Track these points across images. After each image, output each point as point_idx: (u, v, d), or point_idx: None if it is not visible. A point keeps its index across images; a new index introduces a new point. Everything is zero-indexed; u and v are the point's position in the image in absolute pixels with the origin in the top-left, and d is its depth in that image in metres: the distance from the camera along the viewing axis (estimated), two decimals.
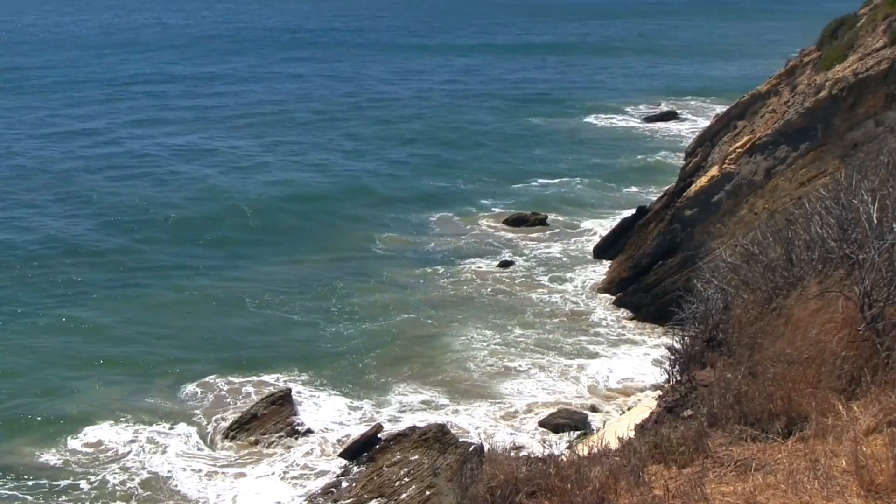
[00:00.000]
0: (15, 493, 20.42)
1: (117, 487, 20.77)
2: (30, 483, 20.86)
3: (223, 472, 21.50)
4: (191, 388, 25.54)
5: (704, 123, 48.47)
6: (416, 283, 33.87)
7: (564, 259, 36.52)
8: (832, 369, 6.53)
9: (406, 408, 24.59)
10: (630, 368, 26.65)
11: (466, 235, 39.42)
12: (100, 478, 21.13)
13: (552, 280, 34.19)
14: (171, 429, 23.36)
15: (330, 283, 33.68)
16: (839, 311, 6.89)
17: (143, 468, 21.57)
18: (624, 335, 29.37)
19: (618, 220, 37.96)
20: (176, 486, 20.94)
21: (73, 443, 22.54)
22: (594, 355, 27.85)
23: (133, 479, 21.11)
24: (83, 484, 20.84)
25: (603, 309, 31.38)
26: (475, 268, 35.38)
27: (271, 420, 23.29)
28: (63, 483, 20.87)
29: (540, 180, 48.41)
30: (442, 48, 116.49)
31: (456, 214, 42.32)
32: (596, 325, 30.11)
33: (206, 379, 26.00)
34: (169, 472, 21.45)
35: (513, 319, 30.30)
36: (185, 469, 21.57)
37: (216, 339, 28.80)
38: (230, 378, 26.11)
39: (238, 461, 21.99)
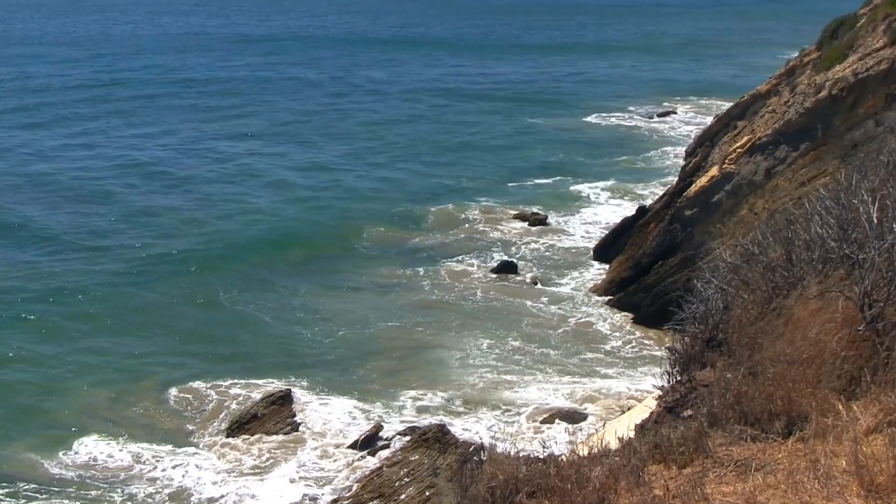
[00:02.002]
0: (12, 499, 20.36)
1: (116, 494, 20.74)
2: (36, 493, 20.64)
3: (221, 473, 21.48)
4: (180, 391, 25.38)
5: (705, 123, 48.48)
6: (412, 285, 33.68)
7: (564, 259, 36.52)
8: (832, 369, 6.52)
9: (403, 412, 24.52)
10: (634, 376, 26.61)
11: (465, 235, 39.34)
12: (101, 483, 21.08)
13: (552, 282, 34.16)
14: (166, 432, 23.26)
15: (322, 283, 33.47)
16: (839, 311, 6.89)
17: (142, 472, 21.55)
18: (627, 340, 29.37)
19: (618, 219, 37.98)
20: (174, 487, 20.93)
21: (72, 451, 22.32)
22: (596, 360, 27.86)
23: (129, 484, 21.07)
24: (86, 493, 20.74)
25: (604, 311, 31.38)
26: (473, 269, 35.34)
27: (271, 420, 23.29)
28: (72, 491, 20.73)
29: (540, 179, 48.44)
30: (439, 46, 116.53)
31: (455, 214, 42.26)
32: (601, 332, 30.04)
33: (195, 383, 25.82)
34: (168, 473, 21.43)
35: (513, 324, 30.15)
36: (182, 470, 21.56)
37: (203, 343, 28.52)
38: (220, 382, 25.90)
39: (236, 461, 21.97)
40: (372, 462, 21.17)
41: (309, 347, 28.42)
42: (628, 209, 39.43)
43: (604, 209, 43.20)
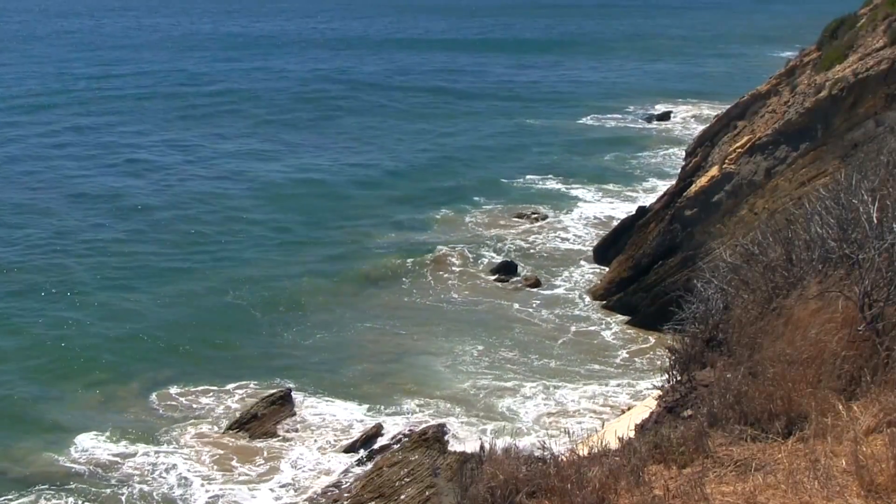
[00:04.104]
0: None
1: (114, 494, 20.70)
2: (30, 493, 20.53)
3: (220, 473, 21.47)
4: (176, 392, 25.28)
5: (703, 124, 48.43)
6: (410, 286, 33.50)
7: (564, 259, 36.47)
8: (832, 369, 6.53)
9: (403, 413, 24.48)
10: (633, 377, 26.57)
11: (464, 236, 39.16)
12: (100, 483, 21.00)
13: (551, 282, 34.11)
14: (163, 433, 23.16)
15: (318, 286, 33.24)
16: (839, 311, 6.89)
17: (139, 473, 21.51)
18: (627, 342, 29.35)
19: (616, 220, 37.94)
20: (172, 488, 20.91)
21: (67, 452, 22.21)
22: (595, 362, 27.84)
23: (126, 485, 21.02)
24: (83, 493, 20.67)
25: (603, 312, 31.37)
26: (470, 269, 35.20)
27: (271, 420, 23.29)
28: (67, 492, 20.65)
29: (537, 180, 48.31)
30: (435, 44, 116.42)
31: (453, 214, 42.08)
32: (600, 334, 30.03)
33: (191, 384, 25.73)
34: (165, 474, 21.41)
35: (512, 325, 30.05)
36: (181, 470, 21.54)
37: (198, 344, 28.36)
38: (216, 383, 25.79)
39: (235, 461, 21.96)
40: (371, 462, 21.15)
41: (308, 348, 28.39)
42: (627, 209, 39.41)
43: (602, 209, 43.15)
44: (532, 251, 37.28)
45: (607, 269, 34.37)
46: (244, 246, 37.61)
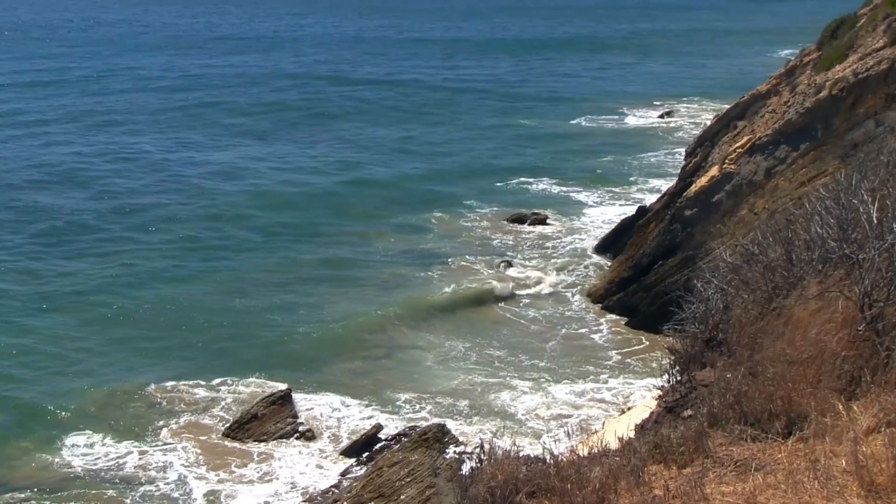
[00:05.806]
0: None
1: (111, 494, 20.67)
2: (26, 492, 20.44)
3: (221, 472, 21.47)
4: (176, 391, 25.14)
5: (700, 124, 48.39)
6: (410, 287, 33.31)
7: (563, 259, 36.42)
8: (832, 369, 6.53)
9: (403, 413, 24.49)
10: (633, 378, 26.56)
11: (459, 236, 38.99)
12: (98, 489, 20.92)
13: (551, 282, 34.09)
14: (161, 432, 23.11)
15: (315, 286, 33.13)
16: (839, 311, 6.90)
17: (137, 473, 21.47)
18: (626, 342, 29.34)
19: (615, 220, 37.93)
20: (170, 487, 20.91)
21: (64, 451, 22.11)
22: (594, 362, 27.84)
23: (124, 485, 20.96)
24: (81, 492, 20.62)
25: (602, 312, 31.37)
26: (468, 270, 35.08)
27: (271, 420, 23.28)
28: (64, 491, 20.58)
29: (534, 181, 48.17)
30: (430, 44, 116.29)
31: (448, 215, 41.87)
32: (599, 334, 30.01)
33: (191, 382, 25.63)
34: (163, 474, 21.40)
35: (510, 325, 30.06)
36: (180, 470, 21.53)
37: (198, 343, 28.29)
38: (216, 382, 25.71)
39: (236, 461, 21.96)
40: (371, 462, 21.15)
41: (307, 349, 28.32)
42: (627, 210, 39.38)
43: (601, 210, 43.11)
44: (530, 251, 37.24)
45: (607, 268, 34.38)
46: (240, 247, 37.48)
